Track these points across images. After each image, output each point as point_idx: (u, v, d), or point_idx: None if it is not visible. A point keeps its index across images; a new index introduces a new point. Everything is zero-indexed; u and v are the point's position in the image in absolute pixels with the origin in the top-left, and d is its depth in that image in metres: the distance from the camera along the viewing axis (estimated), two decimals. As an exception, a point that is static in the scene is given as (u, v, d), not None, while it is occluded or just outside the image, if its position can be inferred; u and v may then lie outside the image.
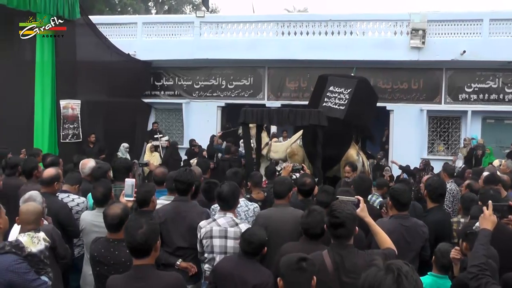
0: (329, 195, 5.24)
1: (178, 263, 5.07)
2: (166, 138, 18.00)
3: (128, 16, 26.94)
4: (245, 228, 4.57)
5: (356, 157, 11.78)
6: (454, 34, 16.60)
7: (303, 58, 16.87)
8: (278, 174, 8.95)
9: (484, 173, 8.21)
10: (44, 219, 4.91)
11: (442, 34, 16.66)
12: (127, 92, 17.40)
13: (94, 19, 16.00)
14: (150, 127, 18.90)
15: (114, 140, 15.82)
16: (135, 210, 5.25)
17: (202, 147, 16.12)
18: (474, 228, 4.09)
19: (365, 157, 12.42)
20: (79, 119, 13.66)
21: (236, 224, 4.82)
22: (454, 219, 5.89)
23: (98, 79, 15.51)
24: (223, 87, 18.85)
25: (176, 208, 5.25)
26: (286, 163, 9.67)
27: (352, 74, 13.91)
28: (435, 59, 16.47)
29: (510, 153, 14.50)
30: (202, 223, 4.91)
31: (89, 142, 14.21)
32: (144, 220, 3.61)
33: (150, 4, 42.44)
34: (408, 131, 17.14)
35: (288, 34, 17.73)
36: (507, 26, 16.37)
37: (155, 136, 17.21)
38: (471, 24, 16.54)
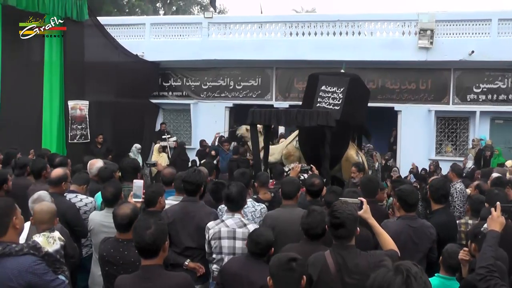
0: (337, 195, 5.20)
1: (186, 263, 5.07)
2: (174, 138, 18.04)
3: (136, 17, 27.01)
4: (253, 229, 4.57)
5: (356, 157, 11.78)
6: (463, 34, 16.54)
7: (311, 59, 16.85)
8: (286, 175, 8.94)
9: (493, 174, 8.18)
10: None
11: (450, 34, 16.60)
12: (135, 93, 17.46)
13: (102, 20, 16.08)
14: (158, 127, 18.94)
15: (122, 141, 15.90)
16: (143, 211, 5.26)
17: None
18: (482, 229, 4.08)
19: (364, 156, 12.41)
20: (87, 119, 13.72)
21: (245, 225, 4.82)
22: (462, 221, 5.85)
23: (106, 80, 15.60)
24: (231, 87, 18.87)
25: (185, 208, 5.25)
26: (294, 164, 9.62)
27: (342, 70, 13.79)
28: (443, 59, 16.41)
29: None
30: (210, 224, 4.91)
31: (97, 143, 14.26)
32: (152, 221, 3.61)
33: (158, 5, 42.52)
34: (416, 132, 17.09)
35: (296, 34, 17.72)
36: (516, 26, 16.31)
37: (163, 137, 17.25)
38: (479, 24, 16.46)
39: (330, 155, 10.35)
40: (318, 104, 11.43)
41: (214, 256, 4.88)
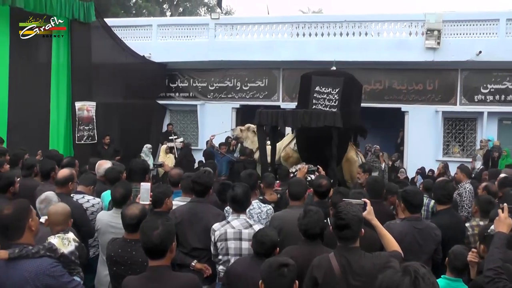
0: (343, 196, 5.19)
1: (193, 264, 5.09)
2: (181, 139, 18.05)
3: (143, 19, 27.04)
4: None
5: (356, 157, 11.84)
6: (470, 34, 16.48)
7: (318, 59, 16.81)
8: (293, 176, 8.93)
9: (501, 174, 8.16)
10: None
11: (457, 34, 16.55)
12: (142, 94, 17.51)
13: (109, 21, 16.10)
14: (165, 128, 18.98)
15: (129, 142, 15.94)
16: (150, 211, 5.27)
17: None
18: (489, 231, 4.06)
19: (362, 156, 12.40)
20: (94, 120, 13.73)
21: (250, 226, 4.82)
22: (473, 223, 5.78)
23: (113, 81, 15.66)
24: (238, 88, 18.87)
25: (193, 209, 5.27)
26: (301, 165, 9.63)
27: (333, 68, 13.73)
28: (450, 60, 16.34)
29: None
30: (216, 226, 4.91)
31: (104, 144, 14.31)
32: (160, 221, 3.62)
33: (165, 6, 42.56)
34: (423, 133, 17.03)
35: (303, 35, 17.71)
36: (524, 26, 16.24)
37: (170, 138, 17.27)
38: (487, 24, 16.40)
39: (329, 156, 10.37)
40: (314, 106, 11.35)
41: (220, 257, 4.88)
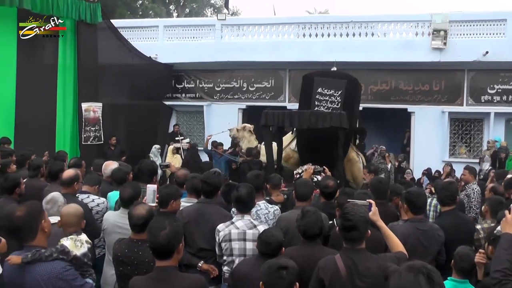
0: (350, 197, 5.20)
1: (200, 264, 5.08)
2: (187, 140, 18.04)
3: (149, 20, 27.10)
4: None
5: (357, 158, 11.84)
6: (477, 34, 16.43)
7: (324, 60, 16.80)
8: (299, 177, 8.93)
9: (508, 175, 8.14)
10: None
11: (464, 34, 16.51)
12: (148, 95, 17.55)
13: (116, 22, 16.15)
14: (171, 129, 19.00)
15: (136, 143, 15.97)
16: (156, 211, 5.29)
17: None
18: (495, 232, 4.05)
19: (363, 157, 12.42)
20: (101, 121, 13.76)
21: (255, 226, 4.83)
22: (484, 225, 5.71)
23: (119, 82, 15.68)
24: (244, 89, 18.88)
25: (200, 209, 5.28)
26: (307, 165, 9.62)
27: (334, 68, 13.73)
28: (457, 60, 16.30)
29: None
30: (220, 226, 4.92)
31: (110, 145, 14.34)
32: (167, 222, 3.61)
33: (171, 7, 42.64)
34: (430, 134, 17.00)
35: (309, 36, 17.71)
36: (532, 26, 16.18)
37: (176, 138, 17.28)
38: (494, 24, 16.35)
39: (331, 158, 10.39)
40: (316, 108, 11.35)
41: (225, 258, 4.89)
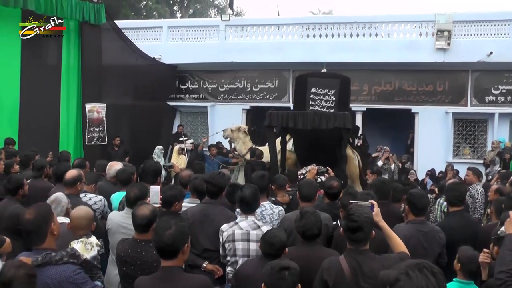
0: (354, 198, 5.19)
1: (204, 265, 5.09)
2: (191, 141, 18.03)
3: (153, 20, 27.14)
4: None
5: (353, 155, 11.96)
6: (481, 35, 16.39)
7: (328, 61, 16.78)
8: (302, 177, 8.93)
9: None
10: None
11: (468, 35, 16.47)
12: (152, 95, 17.57)
13: (120, 23, 16.20)
14: (175, 130, 19.01)
15: (140, 143, 16.00)
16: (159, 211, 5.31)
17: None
18: (499, 232, 4.04)
19: (358, 155, 12.46)
20: (105, 122, 13.81)
21: (258, 227, 4.82)
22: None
23: (123, 83, 15.71)
24: (248, 90, 18.87)
25: (205, 210, 5.28)
26: (311, 166, 9.62)
27: (324, 70, 13.79)
28: (461, 61, 16.27)
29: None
30: (224, 227, 4.92)
31: (114, 145, 14.35)
32: (174, 222, 3.61)
33: (175, 8, 42.68)
34: (433, 134, 16.96)
35: (313, 36, 17.70)
36: (536, 26, 16.14)
37: (180, 139, 17.28)
38: (498, 25, 16.31)
39: (330, 156, 10.44)
40: (311, 107, 11.46)
41: (228, 258, 4.90)
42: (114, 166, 7.35)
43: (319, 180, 8.66)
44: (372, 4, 68.15)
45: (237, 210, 5.71)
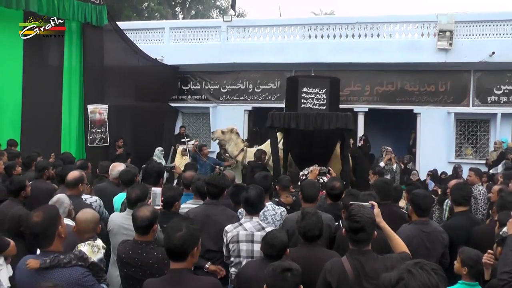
0: (356, 199, 5.19)
1: (207, 266, 5.09)
2: (193, 141, 18.04)
3: (155, 22, 27.16)
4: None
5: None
6: (483, 35, 16.37)
7: (330, 61, 16.80)
8: (304, 178, 8.94)
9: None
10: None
11: (470, 35, 16.45)
12: (154, 97, 17.58)
13: (122, 25, 16.22)
14: (177, 131, 18.97)
15: (142, 144, 15.99)
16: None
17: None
18: (501, 233, 4.03)
19: (349, 155, 12.54)
20: (107, 123, 13.81)
21: (263, 228, 4.81)
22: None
23: (125, 84, 15.72)
24: (250, 91, 18.86)
25: (207, 211, 5.29)
26: (313, 167, 9.63)
27: (312, 74, 13.88)
28: (462, 61, 16.24)
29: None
30: (228, 228, 4.92)
31: (116, 146, 14.34)
32: (185, 224, 3.60)
33: (177, 9, 42.68)
34: (435, 135, 16.94)
35: (315, 37, 17.69)
36: (539, 26, 16.12)
37: (182, 140, 17.27)
38: (500, 25, 16.28)
39: (318, 154, 10.49)
40: (303, 105, 11.57)
41: (232, 259, 4.89)
42: (117, 167, 7.36)
43: (321, 180, 8.65)
44: (373, 5, 68.24)
45: (239, 210, 5.72)
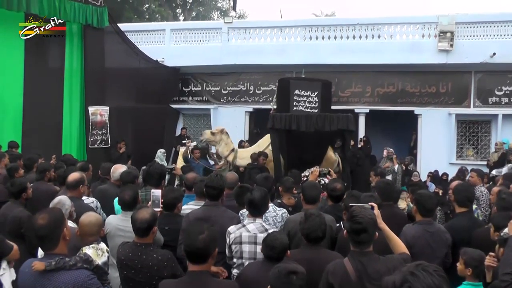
0: (357, 200, 5.18)
1: (209, 267, 5.09)
2: (194, 143, 18.01)
3: (156, 23, 27.15)
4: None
5: (334, 157, 12.23)
6: (483, 36, 16.37)
7: (331, 63, 16.82)
8: (305, 180, 8.93)
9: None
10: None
11: (471, 36, 16.45)
12: (155, 98, 17.60)
13: (123, 26, 16.24)
14: (178, 132, 18.98)
15: (143, 146, 15.97)
16: (160, 213, 5.34)
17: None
18: (502, 234, 4.03)
19: (339, 157, 12.58)
20: (108, 125, 13.82)
21: (266, 230, 4.78)
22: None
23: (126, 86, 15.74)
24: (251, 92, 18.88)
25: (207, 213, 5.28)
26: (314, 168, 9.62)
27: (303, 75, 13.91)
28: (463, 62, 16.24)
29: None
30: (231, 229, 4.90)
31: (118, 148, 14.32)
32: (206, 226, 3.61)
33: (178, 11, 42.65)
34: (436, 136, 16.95)
35: (316, 38, 17.69)
36: (539, 27, 16.11)
37: (184, 142, 17.26)
38: (501, 26, 16.29)
39: (310, 156, 10.52)
40: (295, 108, 11.66)
41: (234, 260, 4.87)
42: (119, 169, 7.37)
43: (322, 182, 8.65)
44: (374, 6, 68.14)
45: (241, 212, 5.71)
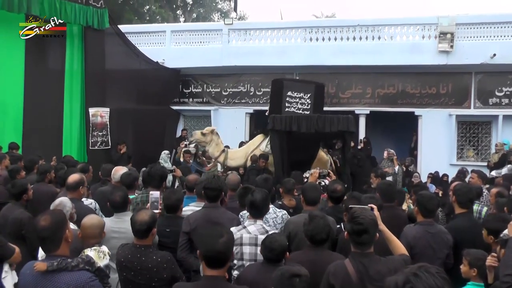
0: (358, 201, 5.17)
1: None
2: (194, 144, 18.02)
3: (156, 25, 27.13)
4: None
5: (326, 157, 12.33)
6: (484, 37, 16.37)
7: (331, 64, 16.83)
8: (306, 181, 8.93)
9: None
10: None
11: (471, 37, 16.45)
12: (156, 100, 17.59)
13: (123, 28, 16.22)
14: (179, 133, 19.01)
15: (143, 147, 15.95)
16: (162, 215, 5.35)
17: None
18: (502, 235, 4.02)
19: (331, 157, 12.66)
20: (108, 126, 13.82)
21: (266, 232, 4.78)
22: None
23: (127, 87, 15.73)
24: (252, 93, 18.88)
25: (207, 214, 5.27)
26: (314, 169, 9.62)
27: (296, 77, 13.96)
28: (464, 63, 16.25)
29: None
30: (232, 230, 4.90)
31: (118, 150, 14.29)
32: (225, 230, 3.61)
33: (178, 12, 42.69)
34: (437, 137, 16.95)
35: (316, 40, 17.69)
36: (540, 28, 16.11)
37: (184, 143, 17.27)
38: (501, 27, 16.29)
39: (301, 158, 10.59)
40: (287, 109, 11.77)
41: (235, 262, 4.86)
42: (119, 171, 7.38)
43: (322, 183, 8.65)
44: (374, 7, 68.28)
45: (241, 213, 5.71)
